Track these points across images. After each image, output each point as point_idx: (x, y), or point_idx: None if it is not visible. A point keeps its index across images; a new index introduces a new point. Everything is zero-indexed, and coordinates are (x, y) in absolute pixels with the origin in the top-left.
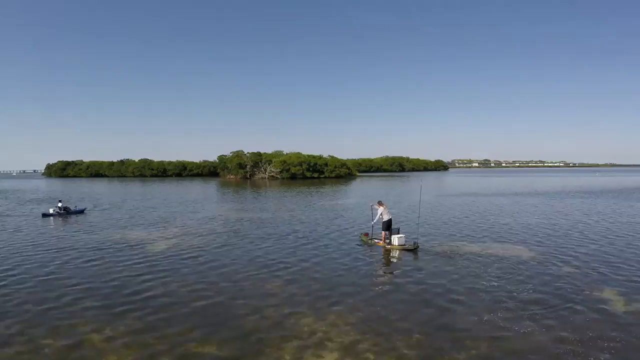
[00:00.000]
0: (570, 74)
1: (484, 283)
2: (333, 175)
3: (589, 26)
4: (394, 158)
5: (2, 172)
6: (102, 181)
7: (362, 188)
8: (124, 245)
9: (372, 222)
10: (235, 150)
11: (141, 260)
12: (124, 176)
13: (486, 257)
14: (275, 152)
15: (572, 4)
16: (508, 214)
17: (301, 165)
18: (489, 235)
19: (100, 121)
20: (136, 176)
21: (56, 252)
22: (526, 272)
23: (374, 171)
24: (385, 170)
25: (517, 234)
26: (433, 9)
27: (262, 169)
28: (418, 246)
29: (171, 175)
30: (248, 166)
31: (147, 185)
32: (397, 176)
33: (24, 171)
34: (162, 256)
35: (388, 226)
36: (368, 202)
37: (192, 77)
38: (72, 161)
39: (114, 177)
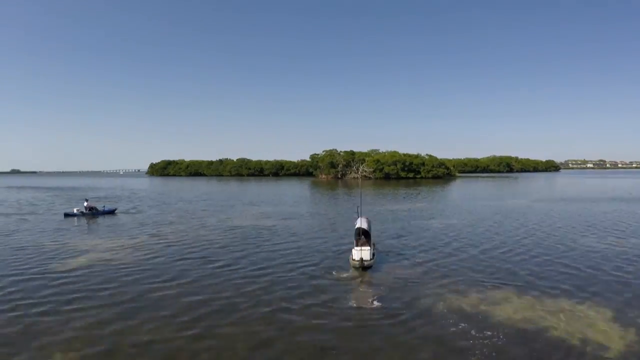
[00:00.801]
0: None
1: None
2: (430, 175)
3: None
4: (501, 158)
5: (110, 171)
6: (196, 180)
7: (454, 190)
8: (53, 259)
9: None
10: (328, 149)
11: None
12: (222, 175)
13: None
14: (371, 150)
15: None
16: (607, 230)
17: (395, 165)
18: (559, 276)
19: (203, 122)
20: (233, 175)
21: None
22: None
23: (479, 171)
24: (491, 171)
25: (611, 273)
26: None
27: (355, 168)
28: (364, 265)
29: (268, 175)
30: (340, 165)
31: (231, 185)
32: (504, 177)
33: (138, 170)
34: (42, 281)
35: (358, 235)
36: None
37: (289, 76)
38: (174, 160)
39: (212, 176)
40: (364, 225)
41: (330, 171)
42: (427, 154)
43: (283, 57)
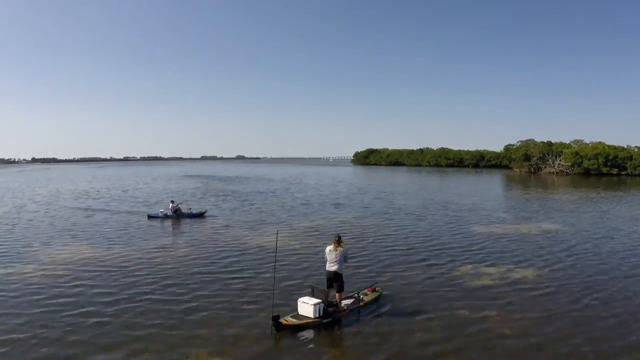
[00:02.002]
0: None
1: None
2: (637, 172)
3: None
4: None
5: (326, 158)
6: (393, 170)
7: None
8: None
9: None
10: (524, 139)
11: None
12: (420, 165)
13: None
14: (574, 141)
15: None
16: None
17: (597, 159)
18: None
19: (408, 110)
20: (432, 165)
21: None
22: None
23: None
24: None
25: None
26: None
27: (550, 161)
28: (277, 324)
29: (467, 166)
30: (535, 158)
31: (417, 177)
32: None
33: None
34: None
35: (329, 281)
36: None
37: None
38: (376, 149)
39: (412, 166)
40: (334, 266)
41: (523, 164)
42: (636, 146)
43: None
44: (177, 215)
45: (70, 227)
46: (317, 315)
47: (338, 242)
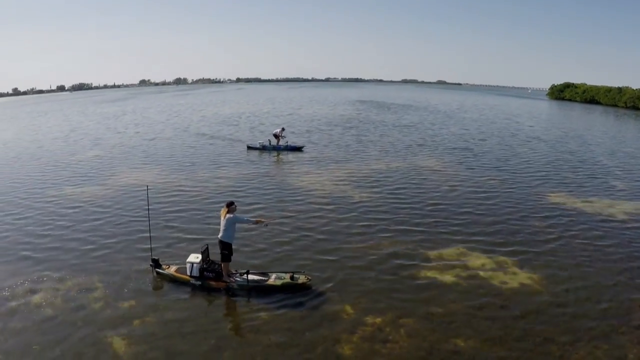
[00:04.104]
0: None
1: None
2: None
3: None
4: None
5: (525, 87)
6: (587, 109)
7: None
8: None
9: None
10: None
11: None
12: (616, 106)
13: None
14: None
15: None
16: None
17: None
18: None
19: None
20: (628, 107)
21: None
22: None
23: None
24: None
25: None
26: None
27: None
28: (157, 267)
29: None
30: None
31: (596, 120)
32: None
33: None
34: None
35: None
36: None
37: None
38: (573, 83)
39: (607, 105)
40: (220, 233)
41: None
42: None
43: None
44: (274, 147)
45: (170, 154)
46: (189, 274)
47: (228, 207)
